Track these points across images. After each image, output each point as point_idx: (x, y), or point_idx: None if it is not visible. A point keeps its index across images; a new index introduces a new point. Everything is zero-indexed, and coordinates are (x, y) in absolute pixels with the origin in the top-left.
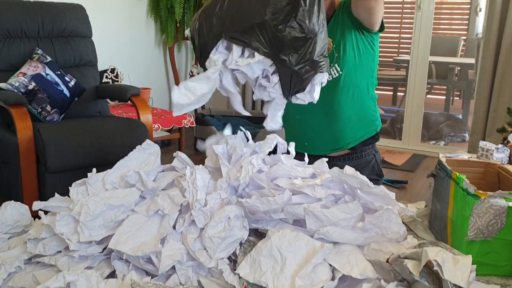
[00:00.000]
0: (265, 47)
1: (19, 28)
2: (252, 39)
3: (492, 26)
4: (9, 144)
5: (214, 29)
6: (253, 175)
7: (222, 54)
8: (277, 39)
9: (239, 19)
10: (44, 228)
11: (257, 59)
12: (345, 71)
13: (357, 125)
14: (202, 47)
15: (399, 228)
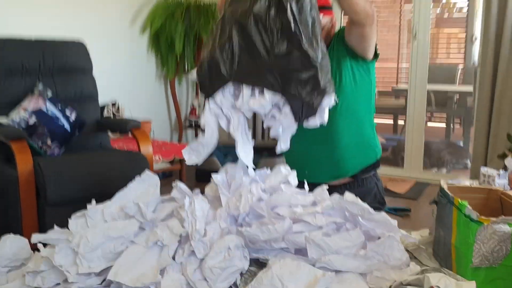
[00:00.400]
0: (275, 85)
1: (21, 64)
2: (262, 80)
3: (488, 54)
4: (10, 179)
5: (222, 72)
6: (253, 204)
7: (228, 100)
8: (285, 75)
9: (246, 62)
10: (43, 261)
11: (268, 97)
12: (342, 99)
13: (356, 152)
14: (209, 91)
15: (401, 255)
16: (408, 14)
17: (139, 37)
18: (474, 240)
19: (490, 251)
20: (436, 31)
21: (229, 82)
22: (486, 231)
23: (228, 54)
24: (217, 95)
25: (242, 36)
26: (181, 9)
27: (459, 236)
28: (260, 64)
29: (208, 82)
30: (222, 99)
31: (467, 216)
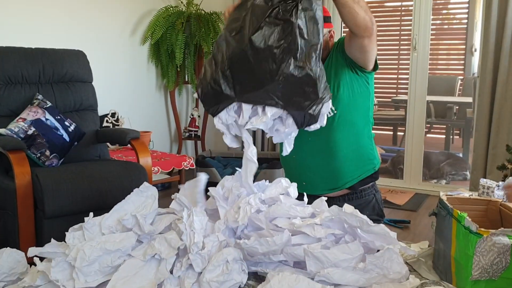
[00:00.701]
0: (278, 102)
1: (20, 74)
2: (264, 98)
3: (487, 65)
4: (7, 190)
5: (225, 92)
6: (252, 215)
7: (231, 117)
8: (287, 92)
9: (249, 83)
10: (39, 275)
11: (270, 115)
12: (340, 110)
13: (354, 163)
14: (214, 111)
15: (401, 268)
16: (408, 25)
17: (139, 47)
18: (473, 252)
19: (490, 263)
20: (436, 42)
21: (233, 102)
22: (486, 243)
23: (230, 75)
24: (222, 114)
25: (243, 57)
26: (182, 20)
27: (459, 248)
28: (262, 83)
29: (212, 103)
30: (227, 117)
31: (467, 228)
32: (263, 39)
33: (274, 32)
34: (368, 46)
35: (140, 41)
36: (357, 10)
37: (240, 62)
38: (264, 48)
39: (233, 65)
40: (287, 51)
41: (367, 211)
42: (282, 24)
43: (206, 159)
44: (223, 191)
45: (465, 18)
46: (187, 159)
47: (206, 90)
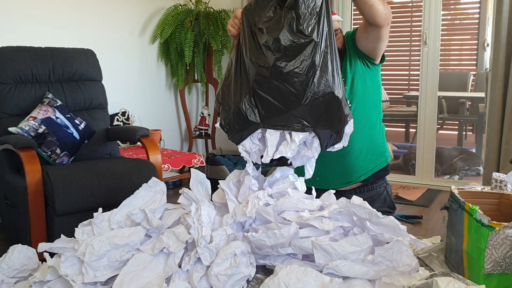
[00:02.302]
0: (305, 125)
1: (30, 73)
2: (291, 123)
3: (499, 58)
4: (18, 188)
5: (250, 119)
6: (260, 208)
7: (255, 145)
8: (313, 113)
9: (274, 107)
10: (49, 270)
11: (298, 140)
12: (354, 104)
13: (368, 157)
14: (238, 139)
15: (410, 261)
16: (418, 21)
17: (149, 46)
18: (485, 245)
19: (502, 256)
20: (447, 37)
21: (258, 128)
22: (498, 236)
23: (254, 101)
24: (246, 141)
25: (267, 81)
26: (191, 18)
27: (471, 242)
28: (289, 107)
29: (236, 130)
30: (251, 145)
31: (479, 221)
32: (287, 63)
33: (297, 54)
34: (385, 34)
35: (149, 40)
36: (376, 4)
37: (265, 86)
38: (288, 72)
39: (257, 90)
40: (312, 72)
41: (378, 203)
42: (305, 43)
43: (217, 157)
44: (233, 185)
45: (477, 13)
46: (197, 156)
47: (229, 118)
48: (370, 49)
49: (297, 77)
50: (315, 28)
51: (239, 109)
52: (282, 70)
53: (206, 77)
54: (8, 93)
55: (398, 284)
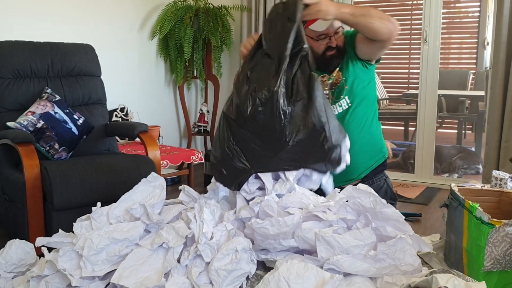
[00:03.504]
0: (294, 164)
1: (29, 68)
2: (280, 165)
3: (500, 57)
4: (17, 183)
5: (239, 166)
6: (264, 203)
7: (254, 184)
8: (299, 151)
9: (259, 154)
10: (47, 265)
11: (292, 178)
12: (355, 103)
13: (367, 154)
14: (235, 184)
15: (413, 260)
16: (419, 19)
17: (148, 42)
18: (485, 243)
19: (502, 254)
20: (448, 36)
21: (251, 174)
22: (498, 234)
23: (238, 150)
24: (245, 186)
25: (246, 131)
26: (190, 14)
27: (470, 239)
28: (273, 152)
29: (232, 179)
30: (250, 187)
31: (478, 218)
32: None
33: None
34: (387, 46)
35: (148, 36)
36: (370, 24)
37: (244, 136)
38: (273, 114)
39: (239, 139)
40: (289, 116)
41: (380, 195)
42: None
43: None
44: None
45: (477, 12)
46: (196, 153)
47: (220, 171)
48: (371, 56)
49: (283, 116)
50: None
51: (225, 161)
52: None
53: (205, 73)
54: (6, 88)
55: (400, 284)
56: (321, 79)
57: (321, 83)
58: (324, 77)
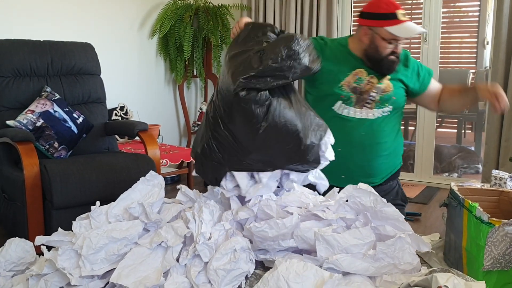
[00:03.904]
0: (269, 165)
1: (29, 66)
2: (252, 165)
3: (499, 56)
4: (16, 181)
5: (216, 162)
6: (262, 202)
7: (230, 181)
8: (272, 153)
9: (232, 154)
10: (46, 264)
11: (265, 180)
12: (394, 111)
13: (393, 161)
14: (213, 179)
15: (412, 259)
16: (419, 18)
17: (148, 41)
18: (485, 242)
19: (502, 253)
20: (447, 35)
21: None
22: (498, 233)
23: (215, 147)
24: (223, 183)
25: (225, 127)
26: (190, 13)
27: (470, 239)
28: (246, 150)
29: (209, 175)
30: (227, 184)
31: (478, 218)
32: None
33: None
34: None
35: (148, 34)
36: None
37: (221, 134)
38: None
39: (216, 137)
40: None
41: (391, 196)
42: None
43: None
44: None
45: (477, 11)
46: None
47: (199, 165)
48: (415, 99)
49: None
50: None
51: (204, 153)
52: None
53: (205, 72)
54: (6, 87)
55: (399, 283)
56: (369, 79)
57: (368, 83)
58: (373, 78)
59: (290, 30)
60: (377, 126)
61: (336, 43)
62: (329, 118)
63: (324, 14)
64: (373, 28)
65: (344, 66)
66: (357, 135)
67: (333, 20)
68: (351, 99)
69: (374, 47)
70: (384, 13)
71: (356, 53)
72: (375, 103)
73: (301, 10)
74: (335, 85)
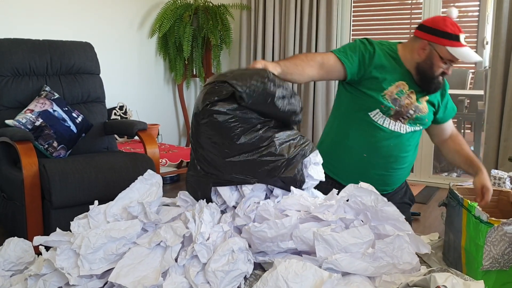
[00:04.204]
0: (251, 179)
1: (28, 66)
2: (233, 178)
3: (499, 56)
4: (15, 181)
5: (201, 176)
6: (260, 207)
7: (219, 198)
8: (250, 165)
9: (214, 166)
10: (45, 264)
11: (247, 193)
12: (420, 130)
13: (407, 172)
14: (202, 196)
15: (411, 259)
16: (418, 18)
17: (147, 40)
18: (484, 242)
19: (501, 253)
20: None
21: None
22: (497, 233)
23: (203, 158)
24: (213, 197)
25: (207, 144)
26: (189, 12)
27: (469, 238)
28: (224, 166)
29: (195, 190)
30: (218, 199)
31: (477, 217)
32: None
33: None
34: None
35: (148, 34)
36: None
37: (204, 149)
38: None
39: (197, 152)
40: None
41: (399, 195)
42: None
43: None
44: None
45: (476, 11)
46: None
47: (190, 182)
48: (437, 121)
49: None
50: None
51: (194, 167)
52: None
53: (205, 72)
54: (5, 86)
55: (398, 283)
56: (409, 93)
57: (407, 97)
58: (412, 93)
59: (290, 29)
60: (405, 140)
61: (385, 50)
62: (361, 122)
63: (324, 13)
64: (434, 44)
65: (390, 75)
66: (386, 145)
67: (332, 20)
68: (390, 111)
69: (429, 64)
70: (449, 32)
71: (406, 64)
72: (408, 120)
73: (301, 9)
74: (379, 93)
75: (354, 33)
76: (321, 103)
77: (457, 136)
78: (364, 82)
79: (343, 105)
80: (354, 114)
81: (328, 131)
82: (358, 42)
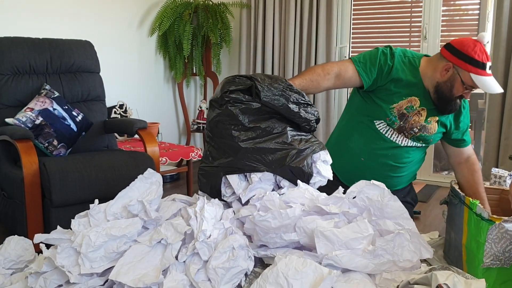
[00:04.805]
0: (258, 166)
1: (28, 64)
2: (243, 165)
3: (499, 54)
4: (15, 179)
5: (217, 172)
6: (265, 197)
7: (229, 188)
8: (259, 152)
9: (224, 153)
10: (45, 262)
11: (256, 180)
12: (424, 147)
13: (405, 180)
14: (213, 187)
15: (412, 256)
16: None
17: (147, 39)
18: (485, 239)
19: (502, 250)
20: (447, 34)
21: (223, 177)
22: (498, 230)
23: (212, 150)
24: (222, 190)
25: (216, 133)
26: (189, 10)
27: (470, 236)
28: (234, 152)
29: (207, 184)
30: (227, 190)
31: (478, 215)
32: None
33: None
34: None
35: (148, 32)
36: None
37: (214, 138)
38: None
39: (211, 142)
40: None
41: (401, 194)
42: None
43: None
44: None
45: (477, 9)
46: (195, 150)
47: (202, 175)
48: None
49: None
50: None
51: (201, 169)
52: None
53: (205, 70)
54: (5, 84)
55: (399, 280)
56: (419, 110)
57: (416, 114)
58: (423, 111)
59: (290, 29)
60: (404, 153)
61: (407, 63)
62: (366, 127)
63: (324, 11)
64: (458, 68)
65: (405, 90)
66: (384, 154)
67: (332, 18)
68: (394, 124)
69: (449, 86)
70: (476, 59)
71: (425, 80)
72: (412, 136)
73: (301, 7)
74: (388, 105)
75: (354, 31)
76: (337, 112)
77: (474, 165)
78: (377, 91)
79: (353, 106)
80: (361, 118)
81: (336, 128)
82: (380, 53)
